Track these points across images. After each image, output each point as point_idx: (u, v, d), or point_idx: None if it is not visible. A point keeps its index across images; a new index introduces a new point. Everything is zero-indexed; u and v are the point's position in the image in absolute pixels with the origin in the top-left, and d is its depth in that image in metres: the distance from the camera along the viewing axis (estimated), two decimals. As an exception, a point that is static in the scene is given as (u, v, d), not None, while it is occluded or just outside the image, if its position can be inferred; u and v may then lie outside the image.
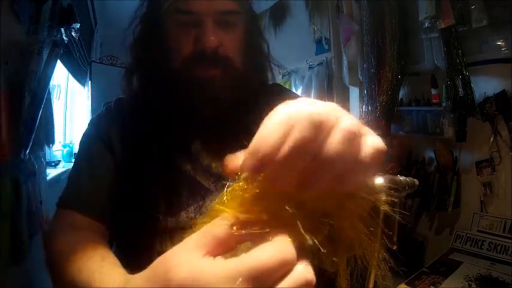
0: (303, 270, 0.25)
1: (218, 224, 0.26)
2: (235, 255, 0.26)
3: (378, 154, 0.27)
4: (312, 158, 0.25)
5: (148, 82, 0.71)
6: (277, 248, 0.25)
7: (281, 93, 0.80)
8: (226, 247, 0.26)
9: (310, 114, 0.25)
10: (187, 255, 0.25)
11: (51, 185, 1.78)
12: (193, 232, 0.27)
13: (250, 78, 0.69)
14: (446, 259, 1.18)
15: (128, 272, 0.41)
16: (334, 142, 0.25)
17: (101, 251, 0.52)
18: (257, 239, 0.26)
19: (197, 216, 0.62)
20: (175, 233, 0.61)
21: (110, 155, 0.67)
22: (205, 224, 0.27)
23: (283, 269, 0.25)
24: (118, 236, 0.65)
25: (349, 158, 0.26)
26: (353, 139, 0.26)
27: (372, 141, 0.27)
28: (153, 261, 0.28)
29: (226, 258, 0.26)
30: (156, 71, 0.68)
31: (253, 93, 0.68)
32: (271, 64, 0.77)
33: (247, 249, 0.26)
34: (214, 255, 0.26)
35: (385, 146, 0.28)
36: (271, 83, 0.79)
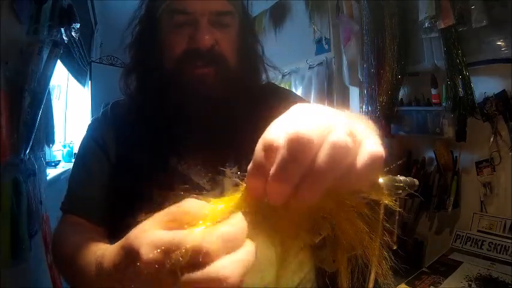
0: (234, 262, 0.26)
1: (177, 205, 0.30)
2: None
3: (373, 161, 0.27)
4: (302, 173, 0.26)
5: (143, 82, 0.72)
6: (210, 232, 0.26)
7: (274, 93, 0.80)
8: (180, 224, 0.29)
9: (297, 134, 0.26)
10: (144, 226, 0.31)
11: (51, 185, 1.79)
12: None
13: (243, 78, 0.69)
14: (446, 259, 1.18)
15: None
16: (322, 156, 0.26)
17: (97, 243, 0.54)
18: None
19: None
20: None
21: (106, 158, 0.70)
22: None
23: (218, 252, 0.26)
24: (117, 236, 0.66)
25: (340, 170, 0.26)
26: (344, 150, 0.26)
27: (369, 148, 0.27)
28: None
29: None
30: (151, 70, 0.69)
31: (246, 93, 0.68)
32: (266, 65, 0.77)
33: None
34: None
35: (383, 151, 0.28)
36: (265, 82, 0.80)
